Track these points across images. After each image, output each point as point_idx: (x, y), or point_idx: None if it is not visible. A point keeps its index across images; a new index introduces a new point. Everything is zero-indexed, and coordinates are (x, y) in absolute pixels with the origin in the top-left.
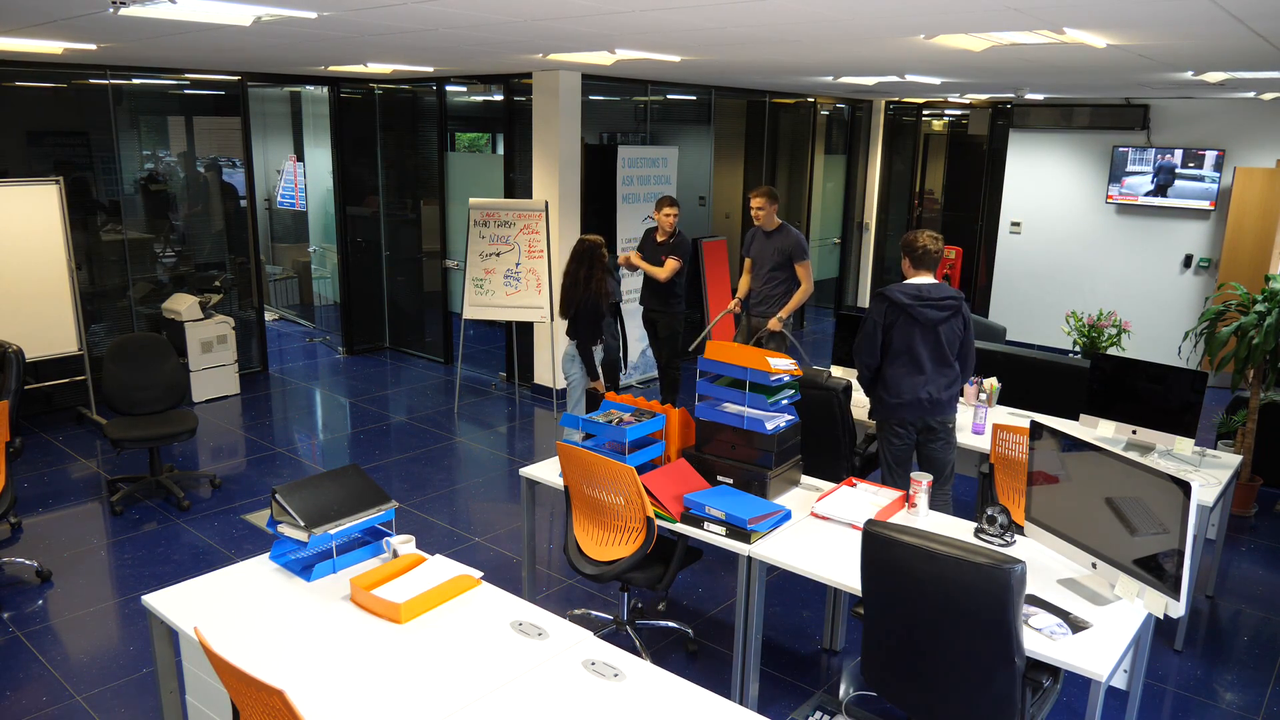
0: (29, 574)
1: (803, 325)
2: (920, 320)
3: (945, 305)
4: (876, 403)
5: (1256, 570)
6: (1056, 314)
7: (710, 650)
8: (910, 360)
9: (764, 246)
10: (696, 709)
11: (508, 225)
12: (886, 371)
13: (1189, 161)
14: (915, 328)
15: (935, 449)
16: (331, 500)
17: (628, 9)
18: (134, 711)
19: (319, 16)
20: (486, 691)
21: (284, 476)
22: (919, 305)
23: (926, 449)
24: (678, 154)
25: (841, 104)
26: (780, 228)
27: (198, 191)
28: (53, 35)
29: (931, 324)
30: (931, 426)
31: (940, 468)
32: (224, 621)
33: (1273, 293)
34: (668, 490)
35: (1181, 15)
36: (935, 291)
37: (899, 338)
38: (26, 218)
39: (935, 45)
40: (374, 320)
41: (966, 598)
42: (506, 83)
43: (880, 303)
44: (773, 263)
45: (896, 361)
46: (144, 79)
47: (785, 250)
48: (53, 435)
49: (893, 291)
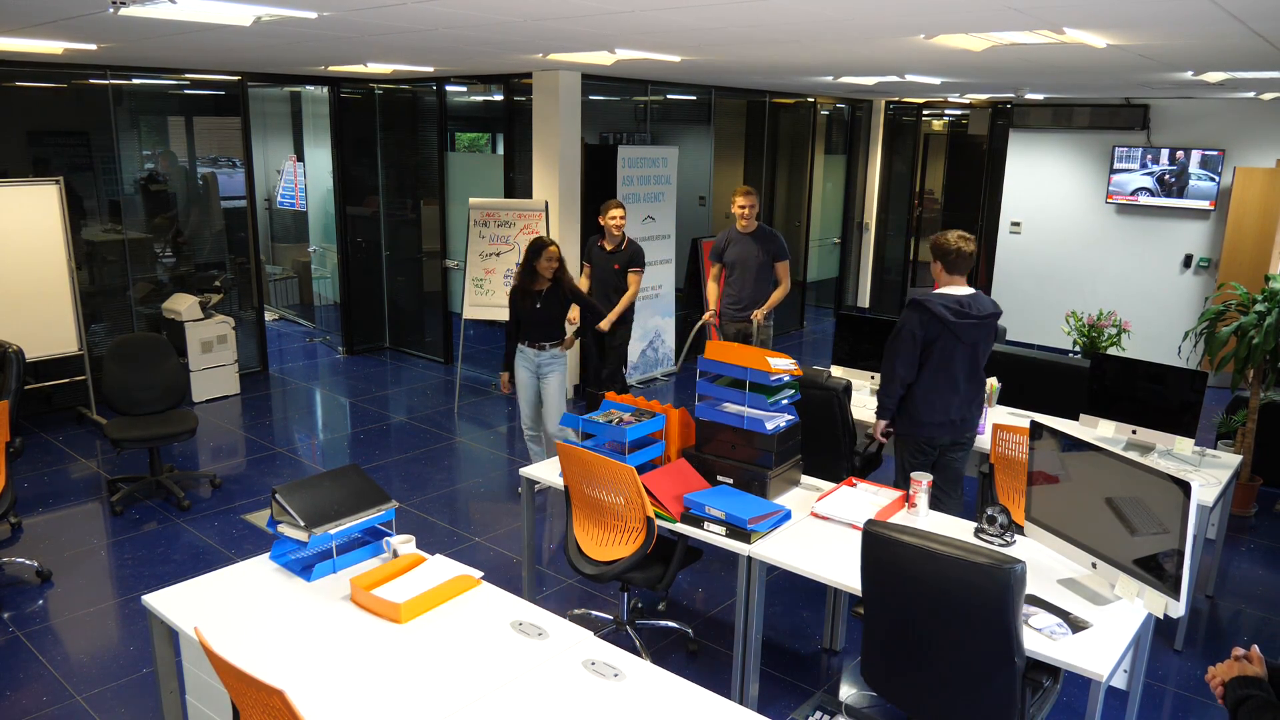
0: (29, 574)
1: (802, 325)
2: (962, 339)
3: (987, 322)
4: (905, 420)
5: (1256, 570)
6: (1056, 314)
7: (710, 650)
8: (947, 379)
9: (747, 249)
10: (696, 709)
11: (508, 225)
12: (918, 389)
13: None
14: (956, 345)
15: (956, 459)
16: (331, 500)
17: (628, 9)
18: (134, 711)
19: (319, 16)
20: (486, 691)
21: (284, 476)
22: (963, 322)
23: (946, 458)
24: (678, 154)
25: (841, 104)
26: (760, 228)
27: (197, 191)
28: (53, 35)
29: (972, 342)
30: (958, 441)
31: (958, 477)
32: (224, 621)
33: (1273, 293)
34: (668, 490)
35: (1181, 15)
36: (978, 306)
37: (937, 354)
38: (26, 218)
39: (935, 45)
40: (374, 320)
41: (966, 598)
42: (506, 83)
43: (919, 314)
44: (759, 263)
45: (931, 379)
46: (144, 79)
47: (772, 250)
48: (53, 435)
49: (933, 303)
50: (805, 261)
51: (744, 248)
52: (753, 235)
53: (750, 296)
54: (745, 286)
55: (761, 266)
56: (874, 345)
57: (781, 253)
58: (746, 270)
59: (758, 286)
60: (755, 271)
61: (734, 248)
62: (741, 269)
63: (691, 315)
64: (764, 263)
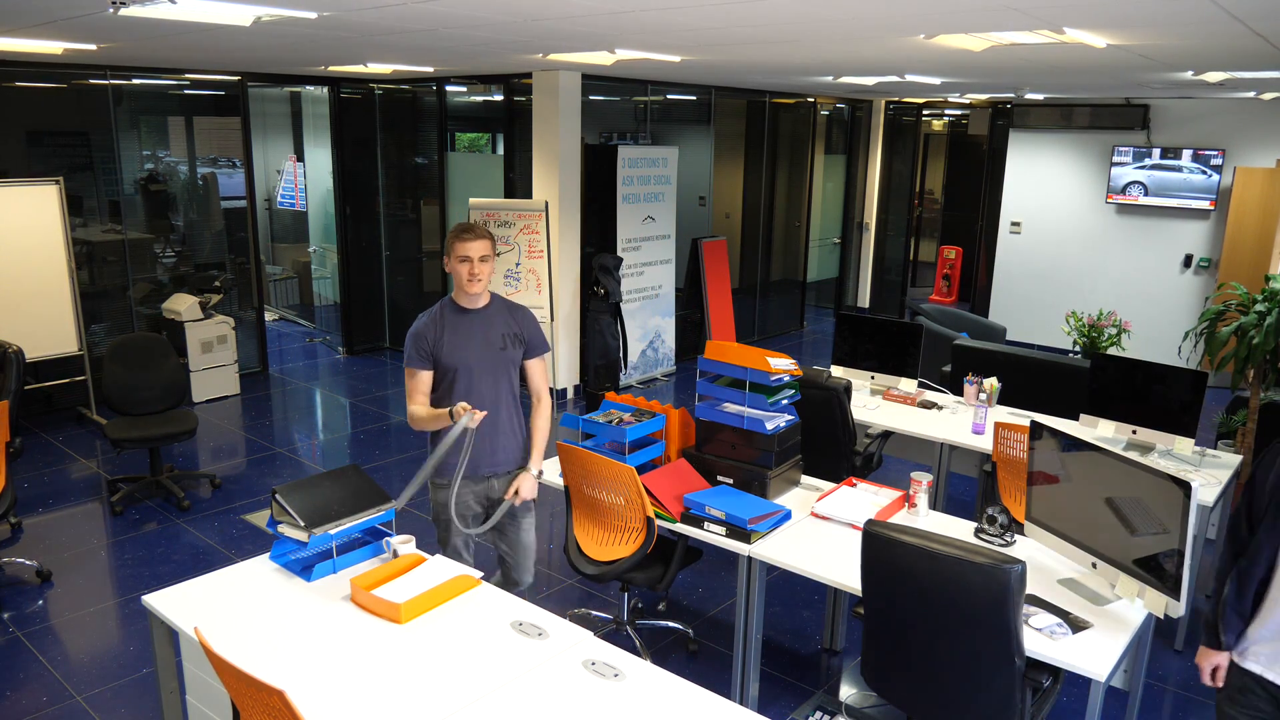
0: (29, 574)
1: (803, 325)
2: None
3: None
4: (1232, 634)
5: None
6: (1056, 314)
7: (710, 650)
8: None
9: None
10: (696, 709)
11: (508, 225)
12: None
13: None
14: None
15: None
16: (331, 500)
17: (628, 9)
18: (134, 711)
19: (319, 16)
20: (486, 691)
21: (284, 476)
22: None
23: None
24: (678, 154)
25: (841, 104)
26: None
27: (197, 191)
28: (53, 35)
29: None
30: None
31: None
32: (224, 621)
33: (1273, 292)
34: (668, 490)
35: (1181, 15)
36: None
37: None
38: (26, 218)
39: (935, 45)
40: (374, 320)
41: (967, 598)
42: (506, 83)
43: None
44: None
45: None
46: (144, 79)
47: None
48: (53, 435)
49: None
50: (805, 261)
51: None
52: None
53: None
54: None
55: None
56: (874, 345)
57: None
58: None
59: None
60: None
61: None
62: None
63: (691, 315)
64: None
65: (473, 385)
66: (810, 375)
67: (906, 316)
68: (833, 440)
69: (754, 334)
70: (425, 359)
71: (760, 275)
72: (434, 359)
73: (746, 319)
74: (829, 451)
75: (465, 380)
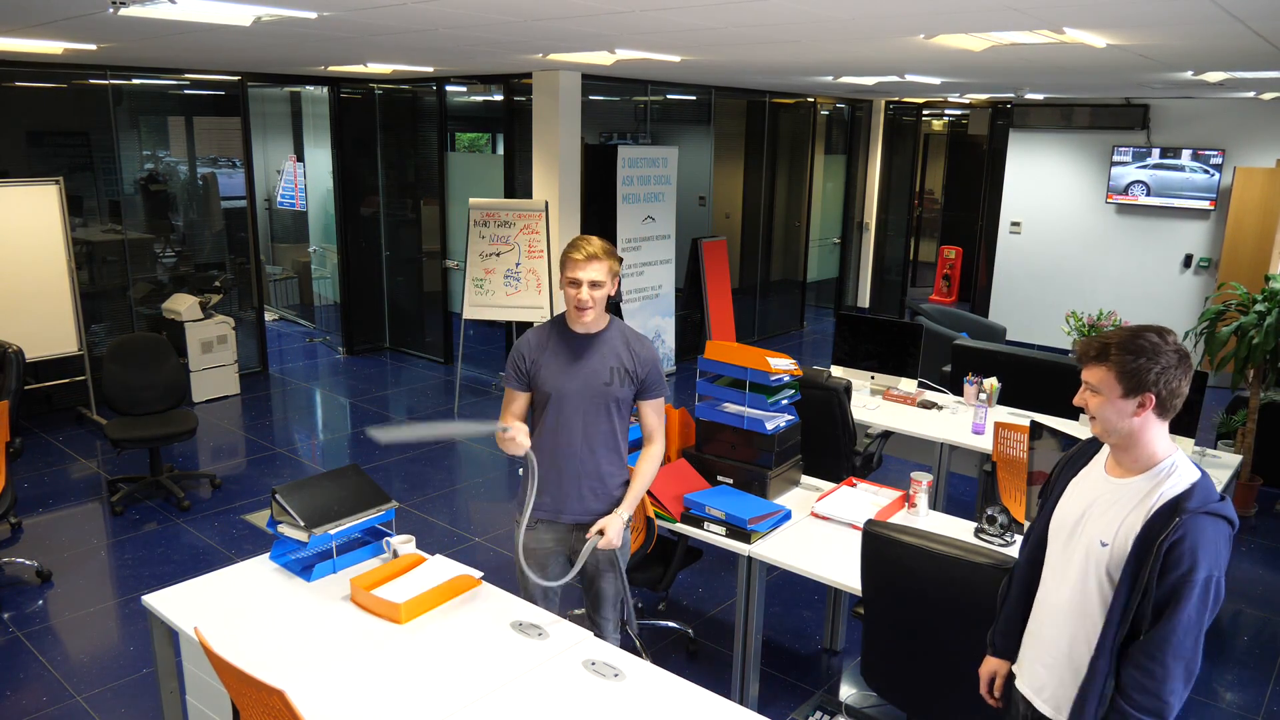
0: (29, 574)
1: (803, 325)
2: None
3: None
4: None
5: (1256, 570)
6: (1056, 314)
7: (710, 650)
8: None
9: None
10: (696, 709)
11: (508, 225)
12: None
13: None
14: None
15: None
16: (331, 500)
17: (628, 9)
18: (134, 711)
19: (319, 16)
20: (486, 691)
21: (284, 476)
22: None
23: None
24: (678, 154)
25: (841, 104)
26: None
27: (197, 191)
28: (53, 35)
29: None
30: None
31: None
32: (224, 621)
33: (1273, 292)
34: (668, 490)
35: (1181, 15)
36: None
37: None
38: (26, 218)
39: (935, 45)
40: (374, 320)
41: (966, 597)
42: (506, 83)
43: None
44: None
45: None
46: (144, 79)
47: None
48: (53, 435)
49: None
50: (805, 261)
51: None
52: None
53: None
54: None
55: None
56: (874, 345)
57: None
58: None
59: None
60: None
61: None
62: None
63: (691, 315)
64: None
65: (561, 418)
66: (810, 375)
67: (906, 316)
68: (833, 440)
69: (754, 334)
70: (521, 379)
71: (760, 275)
72: (531, 381)
73: (746, 319)
74: (829, 452)
75: (555, 411)
